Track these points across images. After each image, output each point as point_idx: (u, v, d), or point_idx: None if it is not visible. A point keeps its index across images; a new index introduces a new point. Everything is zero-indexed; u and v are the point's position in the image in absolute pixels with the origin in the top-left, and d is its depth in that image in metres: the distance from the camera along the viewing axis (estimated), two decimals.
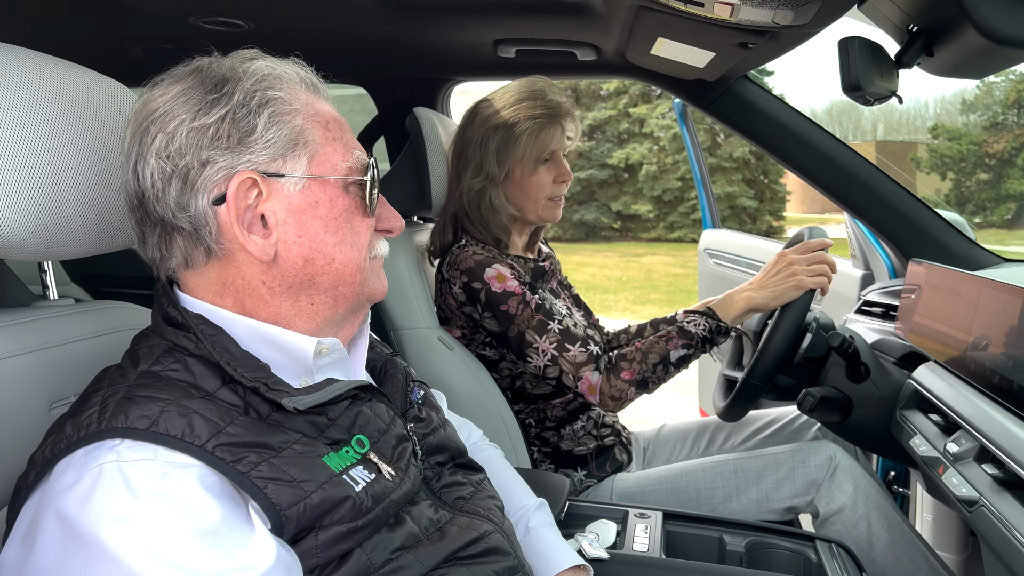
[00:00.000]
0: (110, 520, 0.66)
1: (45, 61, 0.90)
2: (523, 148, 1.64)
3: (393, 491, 0.84)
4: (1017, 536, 0.99)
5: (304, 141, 0.85)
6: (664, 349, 1.53)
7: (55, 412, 0.90)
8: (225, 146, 0.81)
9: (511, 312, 1.56)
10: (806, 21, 1.34)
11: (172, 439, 0.71)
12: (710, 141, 18.32)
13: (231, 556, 0.68)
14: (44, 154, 0.87)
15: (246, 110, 0.82)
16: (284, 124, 0.83)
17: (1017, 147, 18.79)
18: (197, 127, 0.80)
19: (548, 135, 1.65)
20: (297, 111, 0.85)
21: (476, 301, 1.60)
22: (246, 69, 0.84)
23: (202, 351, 0.81)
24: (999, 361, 1.22)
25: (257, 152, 0.82)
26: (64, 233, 0.91)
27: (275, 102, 0.83)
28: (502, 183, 1.68)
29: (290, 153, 0.84)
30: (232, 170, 0.81)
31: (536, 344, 1.55)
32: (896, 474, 2.11)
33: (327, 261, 0.86)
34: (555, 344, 1.54)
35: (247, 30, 1.89)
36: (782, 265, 1.56)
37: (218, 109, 0.81)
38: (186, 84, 0.83)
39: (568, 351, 1.54)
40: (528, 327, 1.55)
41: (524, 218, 1.73)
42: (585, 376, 1.53)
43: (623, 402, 1.54)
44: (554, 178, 1.70)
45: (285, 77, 0.87)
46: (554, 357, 1.54)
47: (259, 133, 0.82)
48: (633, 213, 20.17)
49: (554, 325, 1.55)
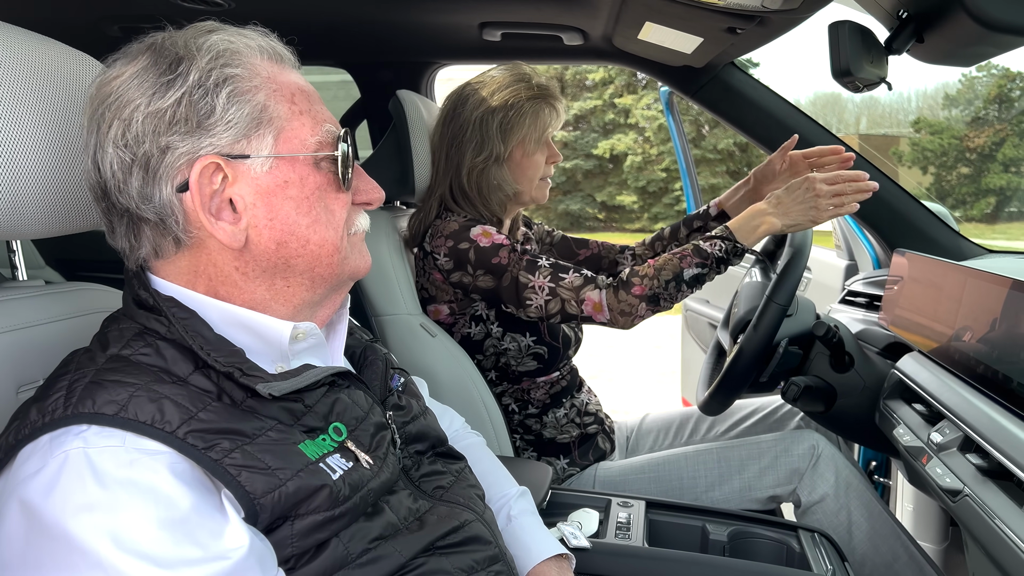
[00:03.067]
0: (76, 509, 0.63)
1: (13, 32, 0.86)
2: (527, 128, 1.65)
3: (371, 480, 0.81)
4: (1000, 525, 0.99)
5: (268, 118, 0.80)
6: (678, 266, 1.50)
7: (22, 396, 0.87)
8: (184, 130, 0.77)
9: (503, 262, 1.56)
10: (795, 6, 1.32)
11: (141, 425, 0.69)
12: (695, 132, 18.36)
13: (203, 546, 0.66)
14: (8, 128, 0.83)
15: (203, 90, 0.77)
16: (245, 102, 0.79)
17: (997, 142, 18.96)
18: (153, 112, 0.76)
19: (547, 116, 1.66)
20: (258, 87, 0.80)
21: (466, 262, 1.59)
22: (200, 45, 0.79)
23: (174, 335, 0.78)
24: (983, 351, 1.22)
25: (218, 134, 0.78)
26: (27, 210, 0.87)
27: (233, 79, 0.79)
28: (505, 162, 1.69)
29: (254, 132, 0.79)
30: (194, 155, 0.77)
31: (531, 283, 1.55)
32: (877, 464, 2.12)
33: (301, 243, 0.83)
34: (549, 276, 1.55)
35: (226, 9, 1.86)
36: (805, 188, 1.50)
37: (173, 91, 0.76)
38: (140, 64, 0.78)
39: (563, 279, 1.54)
40: (520, 269, 1.55)
41: (519, 199, 1.73)
42: (587, 297, 1.52)
43: (633, 318, 1.51)
44: (546, 159, 1.72)
45: (244, 51, 0.82)
46: (552, 289, 1.54)
47: (219, 114, 0.77)
48: (618, 204, 20.22)
49: (543, 261, 1.57)
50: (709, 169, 18.69)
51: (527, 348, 1.67)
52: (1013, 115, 19.20)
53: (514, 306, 1.58)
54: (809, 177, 1.50)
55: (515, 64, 1.70)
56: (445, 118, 1.70)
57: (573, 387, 1.78)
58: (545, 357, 1.69)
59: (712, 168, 18.78)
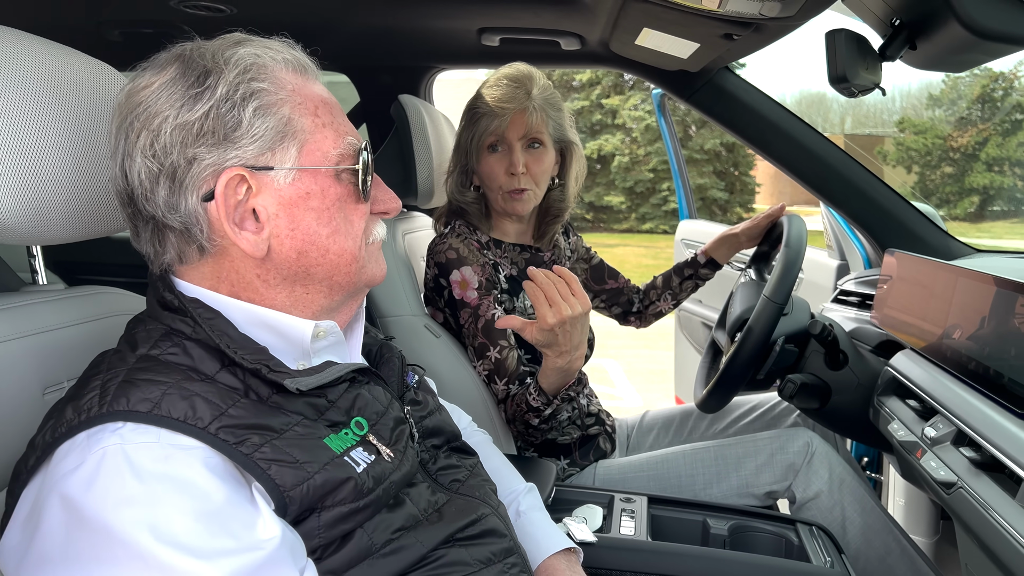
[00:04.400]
0: (116, 503, 0.66)
1: (38, 43, 0.89)
2: (469, 133, 1.66)
3: (393, 472, 0.84)
4: (994, 516, 1.02)
5: (292, 131, 0.83)
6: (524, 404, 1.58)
7: (49, 397, 0.89)
8: (211, 142, 0.79)
9: (462, 322, 1.65)
10: (792, 13, 1.36)
11: (175, 421, 0.71)
12: (682, 133, 18.45)
13: (237, 537, 0.69)
14: (35, 136, 0.86)
15: (230, 104, 0.79)
16: (271, 115, 0.81)
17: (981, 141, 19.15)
18: (181, 124, 0.78)
19: (488, 121, 1.62)
20: (284, 100, 0.83)
21: (441, 295, 1.67)
22: (228, 58, 0.81)
23: (199, 335, 0.80)
24: (974, 348, 1.26)
25: (244, 147, 0.80)
26: (52, 217, 0.90)
27: (260, 94, 0.81)
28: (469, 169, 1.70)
29: (278, 145, 0.82)
30: (220, 166, 0.79)
31: (474, 361, 1.65)
32: (869, 460, 2.16)
33: (321, 253, 0.86)
34: (487, 373, 1.63)
35: (229, 15, 1.87)
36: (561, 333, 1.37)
37: (202, 104, 0.79)
38: (168, 75, 0.81)
39: (495, 384, 1.63)
40: (471, 343, 1.64)
41: (492, 206, 1.72)
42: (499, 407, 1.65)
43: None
44: (505, 168, 1.65)
45: (270, 64, 0.84)
46: (487, 377, 1.63)
47: (245, 127, 0.80)
48: (606, 204, 20.27)
49: (492, 352, 1.61)
50: (696, 169, 18.78)
51: (527, 355, 1.70)
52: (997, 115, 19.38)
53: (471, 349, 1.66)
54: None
55: (518, 64, 1.70)
56: None
57: (574, 391, 1.81)
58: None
59: (699, 168, 18.87)
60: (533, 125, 1.63)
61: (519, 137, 1.64)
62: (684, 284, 2.06)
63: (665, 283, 2.07)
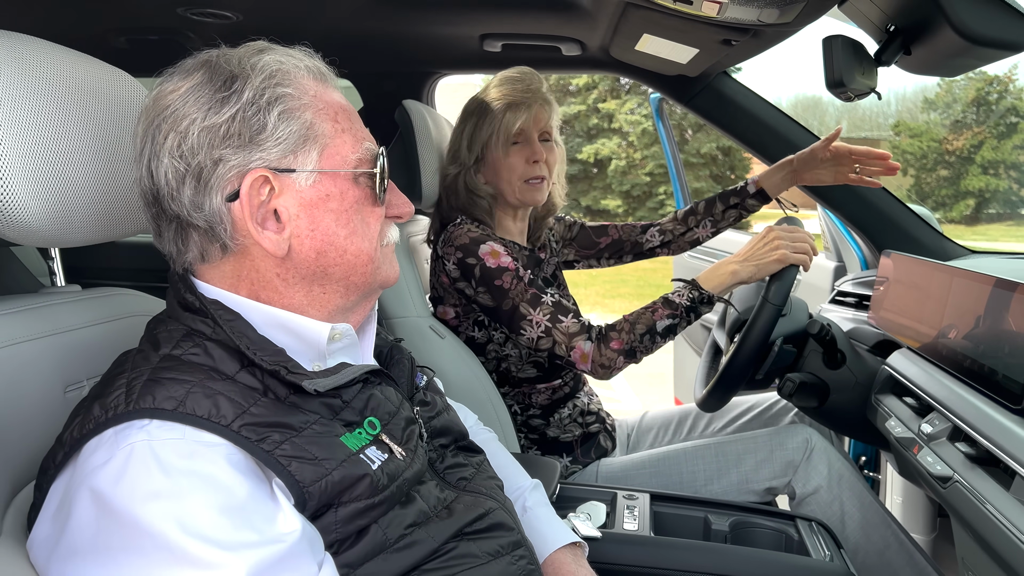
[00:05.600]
0: (144, 496, 0.68)
1: (61, 52, 0.91)
2: (490, 129, 1.70)
3: (405, 470, 0.87)
4: (989, 508, 1.05)
5: (314, 136, 0.86)
6: (651, 319, 1.55)
7: (70, 395, 0.91)
8: (237, 144, 0.82)
9: (505, 286, 1.59)
10: (790, 20, 1.39)
11: (199, 419, 0.74)
12: (678, 136, 18.46)
13: (259, 530, 0.71)
14: (58, 141, 0.88)
15: (256, 108, 0.82)
16: (294, 120, 0.84)
17: (976, 145, 19.22)
18: (208, 126, 0.81)
19: (512, 117, 1.68)
20: (306, 105, 0.86)
21: (471, 276, 1.63)
22: (254, 64, 0.85)
23: (219, 336, 0.83)
24: (969, 346, 1.29)
25: (268, 149, 0.83)
26: (75, 219, 0.92)
27: (284, 99, 0.84)
28: (479, 166, 1.73)
29: (300, 148, 0.85)
30: (244, 168, 0.82)
31: (530, 316, 1.58)
32: (867, 459, 2.18)
33: (339, 253, 0.88)
34: (548, 316, 1.57)
35: (234, 22, 1.90)
36: (768, 239, 1.58)
37: (228, 108, 0.82)
38: (195, 80, 0.83)
39: (561, 322, 1.56)
40: (522, 300, 1.58)
41: (505, 201, 1.76)
42: (578, 345, 1.56)
43: (612, 370, 1.56)
44: (526, 158, 1.71)
45: (294, 71, 0.87)
46: (547, 328, 1.57)
47: (270, 131, 0.83)
48: (602, 208, 20.31)
49: (547, 298, 1.58)
50: (693, 173, 18.82)
51: (528, 355, 1.73)
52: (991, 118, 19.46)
53: (508, 330, 1.63)
54: (768, 228, 1.59)
55: (517, 68, 1.75)
56: (454, 130, 1.78)
57: (576, 391, 1.84)
58: (545, 366, 1.74)
59: (695, 172, 18.92)
60: (548, 119, 1.73)
61: (537, 129, 1.72)
62: (728, 212, 1.97)
63: (707, 208, 1.99)
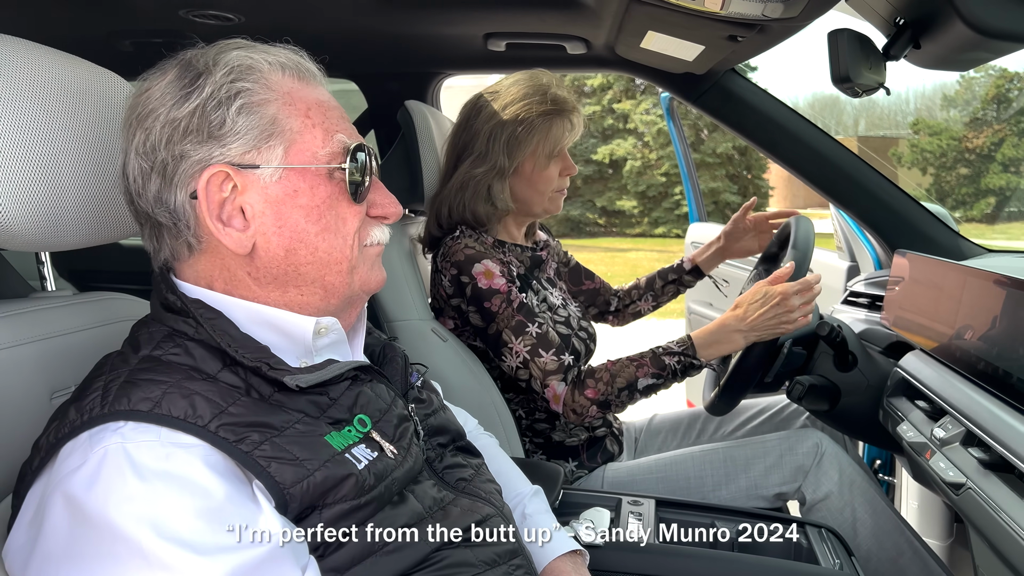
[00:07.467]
0: (117, 501, 0.67)
1: (45, 53, 0.90)
2: (535, 143, 1.65)
3: (395, 469, 0.85)
4: (1003, 516, 1.02)
5: (279, 131, 0.84)
6: (633, 375, 1.53)
7: (56, 401, 0.90)
8: (197, 140, 0.81)
9: (493, 309, 1.58)
10: (795, 14, 1.36)
11: (175, 420, 0.72)
12: (694, 136, 18.40)
13: (238, 533, 0.69)
14: (44, 144, 0.87)
15: (216, 102, 0.81)
16: (255, 115, 0.83)
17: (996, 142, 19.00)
18: (169, 121, 0.81)
19: (559, 131, 1.66)
20: (270, 100, 0.84)
21: (463, 294, 1.62)
22: (219, 60, 0.84)
23: (202, 335, 0.81)
24: (984, 348, 1.25)
25: (228, 144, 0.82)
26: (63, 223, 0.91)
27: (245, 93, 0.83)
28: (509, 176, 1.69)
29: (264, 144, 0.83)
30: (205, 164, 0.81)
31: (511, 344, 1.57)
32: (882, 463, 2.14)
33: (310, 251, 0.86)
34: (529, 348, 1.56)
35: (237, 23, 1.89)
36: (778, 303, 1.52)
37: (190, 103, 0.81)
38: (168, 78, 0.83)
39: (540, 356, 1.55)
40: (507, 326, 1.57)
41: (530, 211, 1.75)
42: (552, 384, 1.55)
43: (583, 418, 1.55)
44: (560, 171, 1.72)
45: (263, 67, 0.85)
46: (525, 360, 1.56)
47: (229, 125, 0.82)
48: (618, 209, 20.26)
49: (532, 328, 1.56)
50: (709, 173, 18.73)
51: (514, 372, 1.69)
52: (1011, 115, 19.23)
53: (492, 353, 1.63)
54: (783, 290, 1.52)
55: (537, 72, 1.70)
56: (458, 128, 1.72)
57: None
58: None
59: (712, 172, 18.82)
60: (582, 122, 1.73)
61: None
62: (666, 288, 2.12)
63: (648, 285, 2.13)
